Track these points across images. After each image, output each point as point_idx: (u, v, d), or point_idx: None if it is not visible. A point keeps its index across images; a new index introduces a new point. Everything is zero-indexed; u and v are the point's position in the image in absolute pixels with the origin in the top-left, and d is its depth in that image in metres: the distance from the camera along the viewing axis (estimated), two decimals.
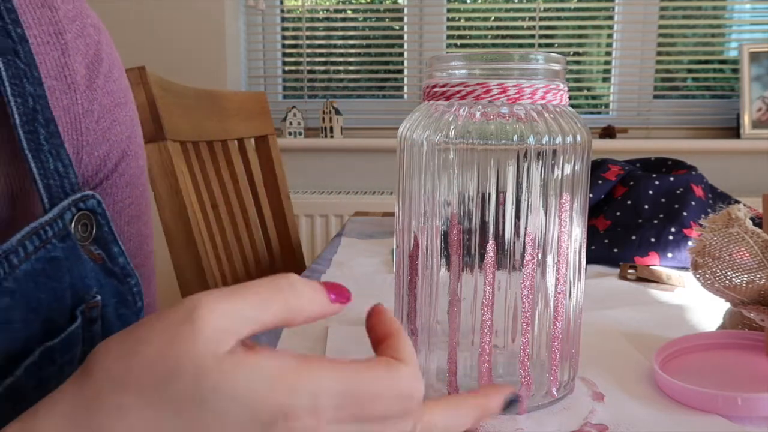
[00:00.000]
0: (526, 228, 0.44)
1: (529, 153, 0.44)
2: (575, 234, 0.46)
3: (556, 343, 0.46)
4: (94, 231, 0.38)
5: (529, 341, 0.45)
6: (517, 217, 0.44)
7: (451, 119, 0.45)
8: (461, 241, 0.45)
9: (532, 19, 2.10)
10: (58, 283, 0.34)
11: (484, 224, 0.45)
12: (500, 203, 0.44)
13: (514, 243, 0.45)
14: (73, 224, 0.36)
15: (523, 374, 0.45)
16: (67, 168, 0.37)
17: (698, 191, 0.93)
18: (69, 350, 0.35)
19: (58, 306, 0.34)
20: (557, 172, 0.45)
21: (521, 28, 2.14)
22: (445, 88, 0.46)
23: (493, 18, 2.17)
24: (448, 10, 2.14)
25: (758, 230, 0.49)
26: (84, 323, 0.36)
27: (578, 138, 0.45)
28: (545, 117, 0.45)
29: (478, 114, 0.45)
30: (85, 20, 0.43)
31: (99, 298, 0.38)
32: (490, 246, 0.44)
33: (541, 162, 0.44)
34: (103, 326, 0.38)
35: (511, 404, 0.33)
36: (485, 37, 2.20)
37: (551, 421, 0.45)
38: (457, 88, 0.46)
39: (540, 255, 0.45)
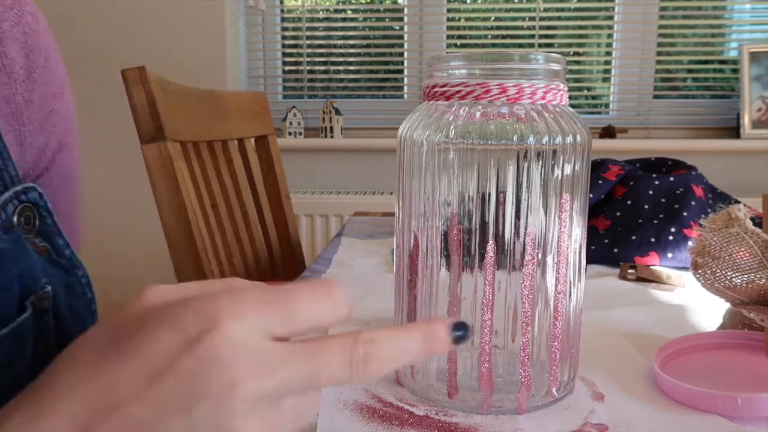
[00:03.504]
0: (526, 228, 0.44)
1: (529, 153, 0.44)
2: (575, 234, 0.46)
3: (556, 343, 0.46)
4: (37, 223, 0.38)
5: (529, 341, 0.45)
6: (517, 217, 0.44)
7: (451, 119, 0.45)
8: (461, 241, 0.45)
9: (532, 19, 2.10)
10: (5, 274, 0.34)
11: (484, 224, 0.45)
12: (500, 203, 0.44)
13: (514, 243, 0.45)
14: (15, 216, 0.36)
15: (523, 374, 0.45)
16: (6, 161, 0.36)
17: (698, 191, 0.93)
18: (18, 341, 0.35)
19: (6, 297, 0.34)
20: (557, 172, 0.45)
21: (521, 28, 2.13)
22: (445, 88, 0.46)
23: (493, 18, 2.17)
24: (448, 10, 2.14)
25: (758, 230, 0.49)
26: (35, 314, 0.36)
27: (578, 138, 0.45)
28: (545, 117, 0.45)
29: (478, 114, 0.45)
30: (23, 8, 0.42)
31: (49, 289, 0.37)
32: (490, 246, 0.44)
33: (541, 162, 0.44)
34: (55, 317, 0.38)
35: (460, 334, 0.33)
36: (485, 37, 2.20)
37: (551, 421, 0.45)
38: (457, 88, 0.46)
39: (540, 255, 0.45)
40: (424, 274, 0.48)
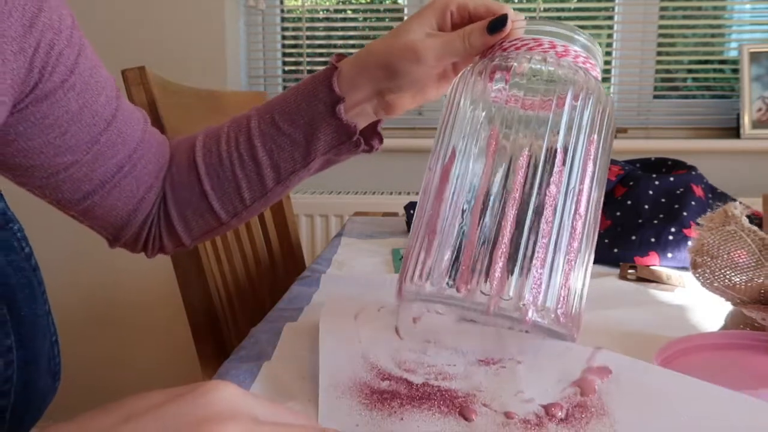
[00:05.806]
0: (557, 146, 0.48)
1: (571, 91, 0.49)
2: (599, 165, 0.50)
3: (568, 264, 0.48)
4: None
5: (547, 244, 0.46)
6: (552, 138, 0.48)
7: (504, 78, 0.50)
8: (497, 145, 0.48)
9: (532, 18, 2.11)
10: None
11: (520, 139, 0.48)
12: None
13: (546, 159, 0.48)
14: None
15: (535, 275, 0.46)
16: None
17: (698, 191, 0.93)
18: None
19: None
20: (588, 112, 0.49)
21: None
22: (503, 42, 0.55)
23: None
24: None
25: (755, 228, 0.49)
26: None
27: (608, 102, 0.51)
28: (585, 74, 0.51)
29: (526, 64, 0.51)
30: None
31: None
32: (525, 153, 0.48)
33: (580, 103, 0.49)
34: None
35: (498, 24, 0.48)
36: None
37: (551, 366, 0.45)
38: (513, 42, 0.55)
39: (568, 163, 0.48)
40: (456, 178, 0.49)
